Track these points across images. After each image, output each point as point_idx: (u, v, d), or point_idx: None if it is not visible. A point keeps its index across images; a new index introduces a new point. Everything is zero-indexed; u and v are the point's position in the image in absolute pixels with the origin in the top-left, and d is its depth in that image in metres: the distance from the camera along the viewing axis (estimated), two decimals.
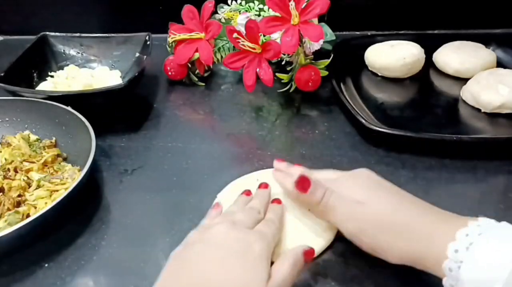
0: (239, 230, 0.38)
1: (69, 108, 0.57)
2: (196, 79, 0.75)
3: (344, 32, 0.86)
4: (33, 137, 0.59)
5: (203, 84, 0.76)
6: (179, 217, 0.49)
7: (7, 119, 0.60)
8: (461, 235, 0.34)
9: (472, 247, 0.33)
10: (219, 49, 0.74)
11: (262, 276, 0.33)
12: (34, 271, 0.44)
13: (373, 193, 0.41)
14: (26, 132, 0.59)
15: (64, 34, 0.78)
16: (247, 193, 0.47)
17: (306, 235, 0.45)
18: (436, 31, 0.88)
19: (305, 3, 0.62)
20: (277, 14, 0.63)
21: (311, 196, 0.41)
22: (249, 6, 0.74)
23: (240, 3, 0.75)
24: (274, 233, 0.40)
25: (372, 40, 0.79)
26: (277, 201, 0.46)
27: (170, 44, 0.74)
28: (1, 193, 0.50)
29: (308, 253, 0.39)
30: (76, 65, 0.76)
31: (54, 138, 0.59)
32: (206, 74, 0.77)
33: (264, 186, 0.47)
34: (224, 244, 0.36)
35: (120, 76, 0.74)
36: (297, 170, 0.46)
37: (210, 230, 0.38)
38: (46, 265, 0.45)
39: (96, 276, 0.44)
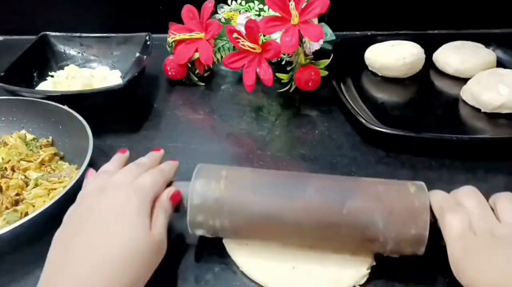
0: (111, 192, 0.38)
1: (65, 107, 0.57)
2: (196, 79, 0.75)
3: (344, 32, 0.86)
4: (29, 136, 0.59)
5: (203, 84, 0.76)
6: (179, 217, 0.49)
7: (3, 119, 0.60)
8: None
9: None
10: (219, 49, 0.74)
11: (143, 229, 0.35)
12: (33, 271, 0.44)
13: None
14: (23, 131, 0.59)
15: (64, 34, 0.78)
16: (123, 151, 0.47)
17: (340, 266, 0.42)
18: (436, 31, 0.88)
19: (305, 3, 0.62)
20: (277, 14, 0.63)
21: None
22: (249, 6, 0.74)
23: (240, 3, 0.75)
24: (155, 180, 0.40)
25: (372, 40, 0.79)
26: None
27: (170, 44, 0.74)
28: None
29: (174, 196, 0.41)
30: (76, 65, 0.76)
31: (50, 137, 0.59)
32: (206, 74, 0.77)
33: (156, 149, 0.48)
34: (100, 212, 0.36)
35: (120, 76, 0.74)
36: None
37: (83, 201, 0.38)
38: None
39: None
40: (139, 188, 0.39)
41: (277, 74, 0.68)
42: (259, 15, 0.73)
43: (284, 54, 0.68)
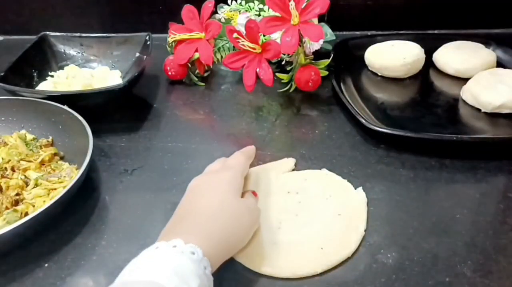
0: (210, 174, 0.48)
1: (65, 107, 0.57)
2: (196, 79, 0.75)
3: (344, 32, 0.86)
4: (29, 136, 0.59)
5: (203, 84, 0.76)
6: None
7: (3, 119, 0.60)
8: None
9: None
10: (219, 49, 0.74)
11: (233, 195, 0.44)
12: (34, 271, 0.44)
13: None
14: (23, 131, 0.59)
15: (64, 34, 0.78)
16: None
17: (333, 241, 0.45)
18: (436, 31, 0.88)
19: (305, 3, 0.62)
20: (277, 14, 0.63)
21: None
22: (249, 6, 0.74)
23: (240, 3, 0.75)
24: (237, 160, 0.50)
25: (372, 40, 0.79)
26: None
27: (170, 44, 0.74)
28: None
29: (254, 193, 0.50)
30: (76, 65, 0.76)
31: (50, 137, 0.59)
32: (206, 74, 0.77)
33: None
34: (202, 188, 0.46)
35: (120, 76, 0.74)
36: None
37: (204, 178, 0.48)
38: (46, 265, 0.45)
39: (96, 276, 0.44)
40: (227, 167, 0.49)
41: (277, 74, 0.68)
42: (259, 15, 0.73)
43: (284, 54, 0.68)
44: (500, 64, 0.74)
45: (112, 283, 0.34)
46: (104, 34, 0.78)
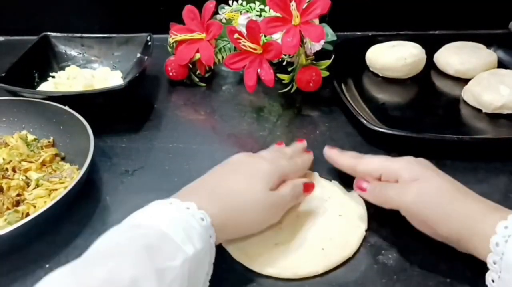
0: (254, 157, 0.48)
1: (66, 107, 0.57)
2: (197, 79, 0.75)
3: (345, 33, 0.86)
4: (30, 137, 0.59)
5: (204, 84, 0.76)
6: None
7: (4, 119, 0.60)
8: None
9: None
10: (220, 49, 0.74)
11: (261, 186, 0.44)
12: (35, 271, 0.44)
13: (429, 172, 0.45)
14: (24, 132, 0.59)
15: (65, 34, 0.78)
16: (280, 143, 0.54)
17: (334, 241, 0.45)
18: (437, 32, 0.88)
19: (306, 4, 0.62)
20: (278, 14, 0.63)
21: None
22: (250, 7, 0.74)
23: (241, 3, 0.75)
24: (291, 166, 0.48)
25: (373, 41, 0.79)
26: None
27: (171, 45, 0.74)
28: (0, 192, 0.50)
29: (308, 186, 0.48)
30: (77, 65, 0.76)
31: (51, 138, 0.59)
32: (207, 75, 0.77)
33: (300, 140, 0.56)
34: (240, 169, 0.46)
35: (121, 77, 0.74)
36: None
37: (236, 158, 0.48)
38: (47, 265, 0.45)
39: None
40: (273, 161, 0.47)
41: (278, 74, 0.68)
42: (260, 15, 0.73)
43: (285, 55, 0.68)
44: (501, 64, 0.74)
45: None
46: (105, 35, 0.78)
